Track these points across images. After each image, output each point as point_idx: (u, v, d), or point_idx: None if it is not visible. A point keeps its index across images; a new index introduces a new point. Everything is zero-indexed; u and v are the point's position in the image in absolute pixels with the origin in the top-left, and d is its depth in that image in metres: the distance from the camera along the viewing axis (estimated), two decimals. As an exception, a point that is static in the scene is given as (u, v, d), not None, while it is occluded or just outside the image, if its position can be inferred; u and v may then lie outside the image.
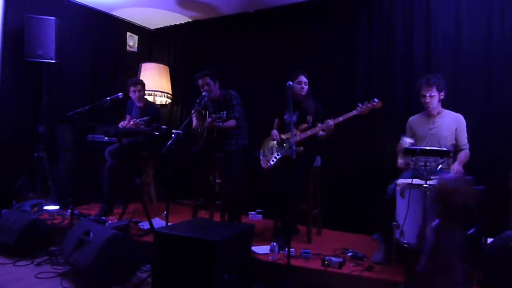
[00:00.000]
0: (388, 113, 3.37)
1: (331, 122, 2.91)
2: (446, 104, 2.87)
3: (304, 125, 3.06)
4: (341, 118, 2.91)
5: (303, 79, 3.12)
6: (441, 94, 2.76)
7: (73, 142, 4.07)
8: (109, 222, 3.22)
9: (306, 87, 3.13)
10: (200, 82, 3.32)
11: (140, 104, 3.94)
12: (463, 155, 2.69)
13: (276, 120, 3.37)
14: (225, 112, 3.16)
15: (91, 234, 2.43)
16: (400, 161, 2.71)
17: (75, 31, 4.41)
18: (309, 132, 2.99)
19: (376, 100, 2.87)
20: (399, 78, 3.54)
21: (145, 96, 4.12)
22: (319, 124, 3.00)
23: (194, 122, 3.45)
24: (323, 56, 3.95)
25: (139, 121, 3.57)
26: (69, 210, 3.08)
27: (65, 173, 4.03)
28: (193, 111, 3.25)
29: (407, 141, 2.67)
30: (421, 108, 2.89)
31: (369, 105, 2.88)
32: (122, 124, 3.72)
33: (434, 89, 2.71)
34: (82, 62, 4.51)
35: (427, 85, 2.72)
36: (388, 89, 3.57)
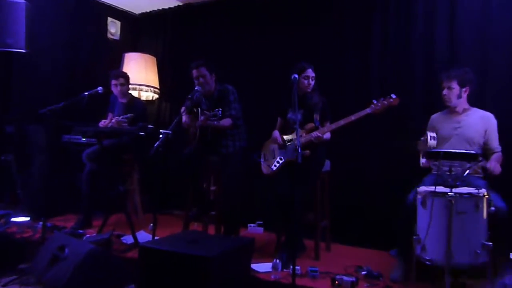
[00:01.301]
0: (406, 112, 3.36)
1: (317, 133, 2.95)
2: (473, 102, 2.87)
3: (311, 125, 3.06)
4: (353, 117, 2.90)
5: (311, 73, 3.10)
6: (464, 89, 2.78)
7: (47, 144, 4.05)
8: (87, 235, 3.23)
9: (313, 82, 3.13)
10: (194, 73, 3.30)
11: (124, 100, 3.93)
12: (497, 156, 2.70)
13: (279, 119, 3.35)
14: (220, 109, 3.14)
15: (66, 250, 2.43)
16: (423, 160, 2.75)
17: (49, 17, 4.35)
18: (319, 134, 2.97)
19: (393, 96, 2.88)
20: (419, 73, 3.51)
21: (129, 91, 4.10)
22: (326, 125, 3.00)
23: (184, 118, 3.41)
24: (332, 45, 3.93)
25: (122, 118, 3.56)
26: (41, 222, 3.08)
27: (37, 180, 4.02)
28: (182, 109, 3.20)
29: (431, 136, 2.67)
30: (443, 106, 2.90)
31: (385, 102, 2.88)
32: (102, 123, 3.71)
33: (455, 83, 2.75)
34: (56, 52, 4.46)
35: (448, 78, 2.78)
36: (406, 85, 3.54)
